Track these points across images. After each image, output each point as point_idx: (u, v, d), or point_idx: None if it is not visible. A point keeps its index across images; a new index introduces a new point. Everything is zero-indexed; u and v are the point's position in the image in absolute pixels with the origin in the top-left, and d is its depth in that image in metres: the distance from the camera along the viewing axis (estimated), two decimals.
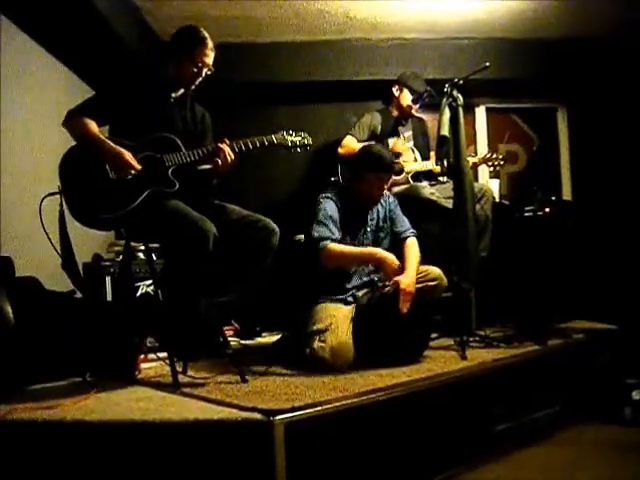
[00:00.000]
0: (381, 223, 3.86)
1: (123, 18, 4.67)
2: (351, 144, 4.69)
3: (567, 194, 6.26)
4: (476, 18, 5.34)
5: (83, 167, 3.01)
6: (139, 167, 3.03)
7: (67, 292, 3.46)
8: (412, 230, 3.88)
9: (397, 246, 3.81)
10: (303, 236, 3.87)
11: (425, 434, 2.88)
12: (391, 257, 3.51)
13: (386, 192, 3.93)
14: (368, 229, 3.80)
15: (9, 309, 2.83)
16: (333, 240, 3.55)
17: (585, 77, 5.81)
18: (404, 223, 3.89)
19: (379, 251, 3.58)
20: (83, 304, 3.47)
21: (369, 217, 3.82)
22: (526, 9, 5.17)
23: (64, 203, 3.02)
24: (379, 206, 3.87)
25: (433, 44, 5.77)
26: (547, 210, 4.68)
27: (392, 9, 5.17)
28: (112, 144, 3.01)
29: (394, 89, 4.93)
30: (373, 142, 4.41)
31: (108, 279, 3.96)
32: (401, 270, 3.50)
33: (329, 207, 3.65)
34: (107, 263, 4.06)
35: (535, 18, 5.33)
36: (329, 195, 3.72)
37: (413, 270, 3.58)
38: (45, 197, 3.10)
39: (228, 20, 5.19)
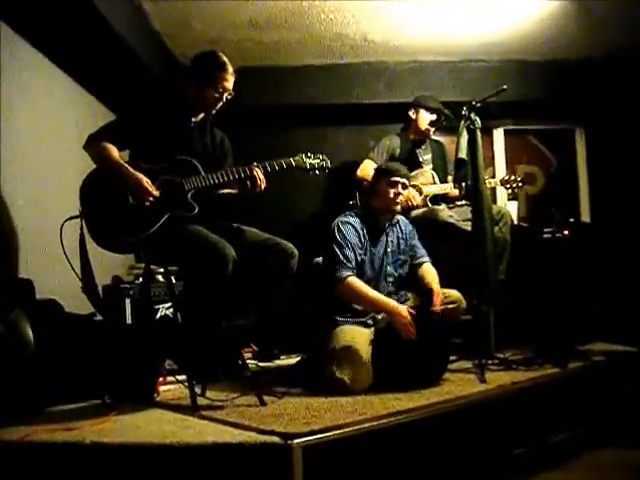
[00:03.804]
0: (402, 246, 3.85)
1: (143, 42, 4.72)
2: (369, 167, 4.67)
3: (585, 215, 6.24)
4: (493, 40, 5.37)
5: (103, 191, 3.04)
6: (156, 194, 3.05)
7: (87, 315, 3.48)
8: (428, 257, 3.91)
9: (413, 271, 3.86)
10: (321, 259, 3.87)
11: (443, 457, 2.86)
12: (405, 312, 3.40)
13: (403, 219, 3.97)
14: (389, 249, 3.79)
15: (29, 331, 2.85)
16: (352, 271, 3.55)
17: (602, 98, 5.81)
18: (422, 251, 3.92)
19: (394, 304, 3.47)
20: (103, 326, 3.49)
21: (389, 237, 3.80)
22: (542, 31, 5.19)
23: (84, 226, 3.05)
24: (398, 228, 3.88)
25: (450, 67, 5.81)
26: (565, 232, 4.67)
27: (409, 32, 5.22)
28: (131, 170, 3.03)
29: (410, 112, 4.93)
30: None
31: (128, 301, 3.99)
32: (412, 326, 3.37)
33: (348, 232, 3.64)
34: (127, 286, 4.09)
35: (551, 40, 5.35)
36: (347, 220, 3.71)
37: (438, 285, 3.64)
38: (66, 221, 3.12)
39: (247, 44, 5.25)
